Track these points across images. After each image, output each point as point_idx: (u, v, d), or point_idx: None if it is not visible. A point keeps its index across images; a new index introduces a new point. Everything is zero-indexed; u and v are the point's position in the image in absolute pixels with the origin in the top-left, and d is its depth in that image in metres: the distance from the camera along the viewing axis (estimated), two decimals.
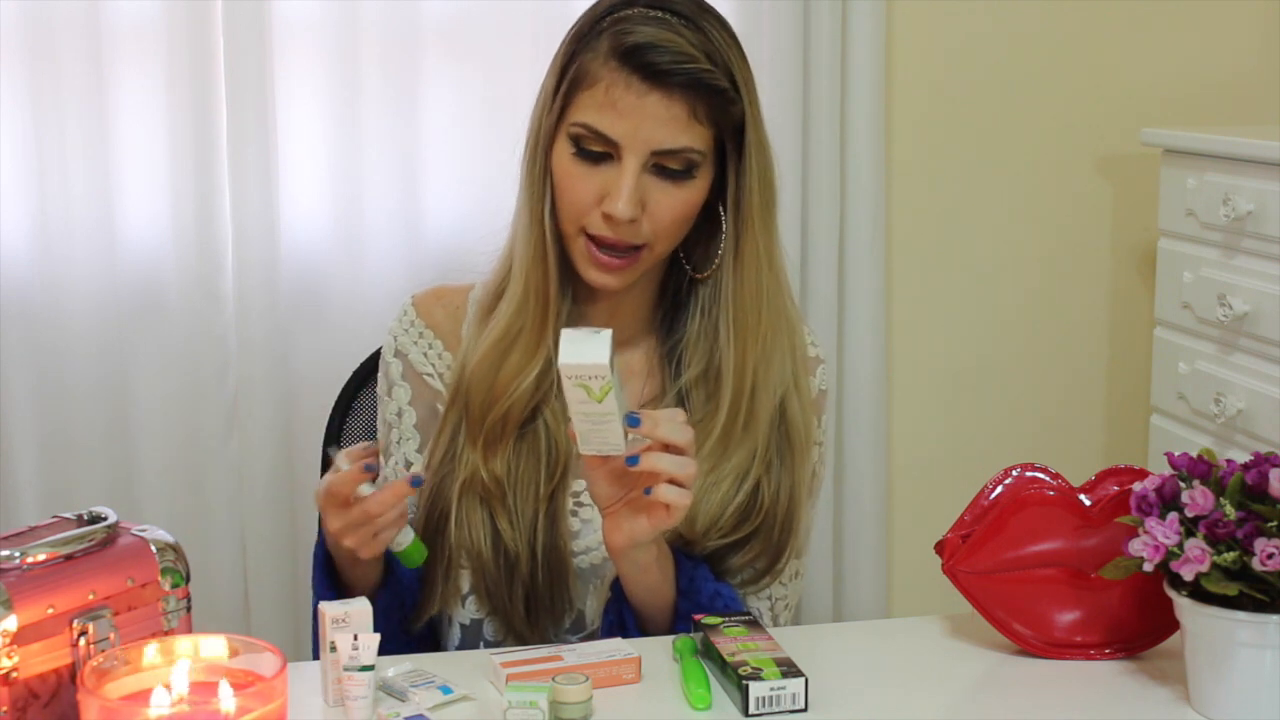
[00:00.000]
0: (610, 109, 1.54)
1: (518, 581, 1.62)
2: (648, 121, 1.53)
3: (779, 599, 1.71)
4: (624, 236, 1.56)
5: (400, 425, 1.72)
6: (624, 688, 1.42)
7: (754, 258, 1.62)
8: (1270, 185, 2.39)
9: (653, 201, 1.56)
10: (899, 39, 2.75)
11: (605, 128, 1.54)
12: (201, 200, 2.45)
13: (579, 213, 1.57)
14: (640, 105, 1.53)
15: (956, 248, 2.86)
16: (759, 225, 1.62)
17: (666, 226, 1.58)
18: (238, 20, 2.40)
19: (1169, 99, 2.87)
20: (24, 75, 2.39)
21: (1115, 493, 1.48)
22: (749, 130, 1.60)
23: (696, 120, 1.55)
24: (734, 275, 1.62)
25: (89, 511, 1.35)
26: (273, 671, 1.19)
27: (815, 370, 1.74)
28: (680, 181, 1.57)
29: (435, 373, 1.71)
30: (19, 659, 1.23)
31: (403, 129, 2.51)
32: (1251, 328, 2.44)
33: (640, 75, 1.53)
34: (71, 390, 2.46)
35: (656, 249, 1.59)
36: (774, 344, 1.65)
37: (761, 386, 1.64)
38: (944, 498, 2.00)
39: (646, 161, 1.55)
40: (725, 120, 1.58)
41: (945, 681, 1.48)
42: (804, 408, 1.69)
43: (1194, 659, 1.37)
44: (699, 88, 1.54)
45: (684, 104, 1.54)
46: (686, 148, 1.55)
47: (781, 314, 1.66)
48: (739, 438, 1.63)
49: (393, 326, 1.75)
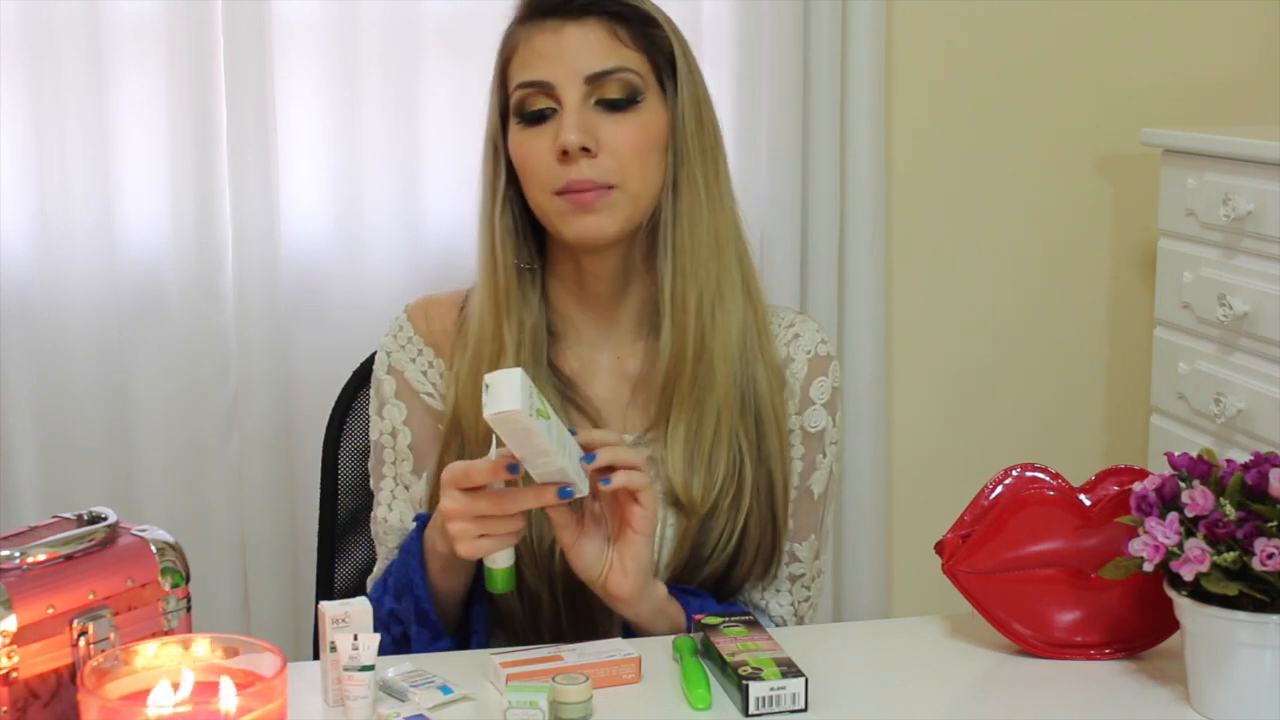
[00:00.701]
0: (534, 56, 1.57)
1: (543, 625, 1.60)
2: (570, 50, 1.56)
3: (801, 601, 1.70)
4: (585, 174, 1.55)
5: (395, 445, 1.68)
6: (624, 688, 1.42)
7: (692, 191, 1.60)
8: (1270, 185, 2.39)
9: (605, 135, 1.56)
10: (899, 39, 2.75)
11: (537, 75, 1.56)
12: (201, 200, 2.45)
13: (541, 177, 1.57)
14: (558, 40, 1.57)
15: (956, 248, 2.86)
16: (696, 157, 1.60)
17: (628, 158, 1.56)
18: (238, 20, 2.40)
19: (1169, 99, 2.87)
20: (24, 75, 2.39)
21: (1115, 493, 1.48)
22: (679, 62, 1.61)
23: (620, 41, 1.57)
24: (672, 210, 1.59)
25: (89, 511, 1.35)
26: (273, 671, 1.19)
27: (828, 369, 1.71)
28: (627, 110, 1.57)
29: (435, 391, 1.67)
30: (19, 659, 1.23)
31: (403, 129, 2.51)
32: (1251, 328, 2.44)
33: (552, 16, 1.57)
34: (71, 390, 2.46)
35: (629, 186, 1.57)
36: (726, 284, 1.61)
37: (713, 329, 1.60)
38: (944, 498, 2.00)
39: (586, 94, 1.56)
40: (653, 47, 1.60)
41: (945, 681, 1.48)
42: (774, 389, 1.65)
43: (1194, 659, 1.37)
44: (610, 11, 1.57)
45: (600, 26, 1.57)
46: (618, 67, 1.57)
47: (732, 256, 1.62)
48: (698, 394, 1.60)
49: (385, 341, 1.70)
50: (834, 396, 1.72)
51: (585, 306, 1.65)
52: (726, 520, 1.61)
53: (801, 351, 1.70)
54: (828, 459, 1.71)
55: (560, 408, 1.61)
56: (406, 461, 1.67)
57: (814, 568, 1.71)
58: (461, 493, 1.43)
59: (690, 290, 1.59)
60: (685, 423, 1.60)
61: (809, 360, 1.70)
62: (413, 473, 1.67)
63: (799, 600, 1.70)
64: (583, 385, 1.65)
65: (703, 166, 1.60)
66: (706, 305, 1.59)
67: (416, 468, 1.67)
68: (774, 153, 2.63)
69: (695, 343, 1.59)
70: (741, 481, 1.62)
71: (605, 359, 1.67)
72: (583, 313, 1.65)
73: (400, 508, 1.68)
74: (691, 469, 1.60)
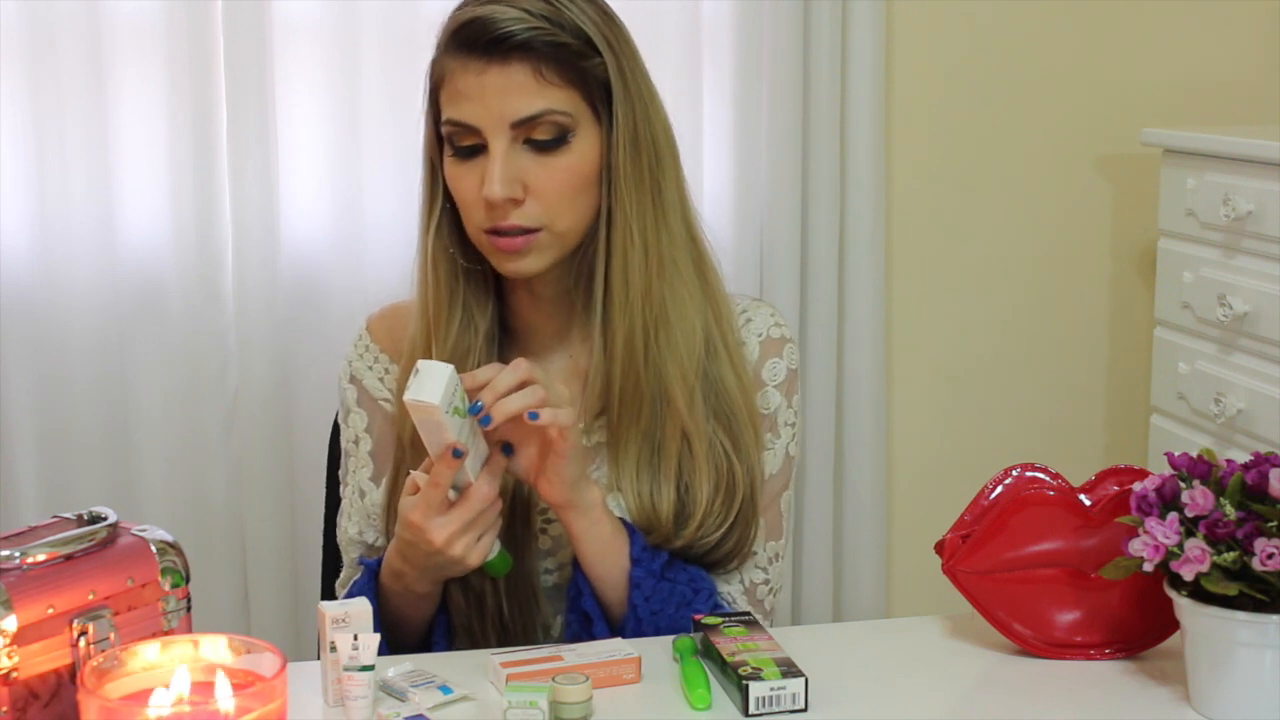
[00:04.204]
0: (460, 97, 1.53)
1: (488, 617, 1.61)
2: (493, 96, 1.51)
3: (759, 583, 1.70)
4: (512, 220, 1.53)
5: (356, 452, 1.70)
6: (624, 688, 1.42)
7: (624, 227, 1.56)
8: (1270, 185, 2.39)
9: (533, 178, 1.53)
10: (899, 39, 2.75)
11: (462, 116, 1.53)
12: (201, 200, 2.45)
13: (472, 212, 1.55)
14: (481, 83, 1.51)
15: (956, 247, 2.86)
16: (631, 189, 1.56)
17: (555, 201, 1.54)
18: (238, 20, 2.41)
19: (1169, 99, 2.87)
20: (24, 75, 2.39)
21: (1115, 493, 1.48)
22: (615, 87, 1.55)
23: (546, 81, 1.51)
24: (605, 244, 1.57)
25: (89, 511, 1.35)
26: (273, 671, 1.19)
27: (782, 350, 1.71)
28: (555, 151, 1.53)
29: (393, 398, 1.68)
30: (19, 659, 1.23)
31: (403, 129, 2.50)
32: (1251, 328, 2.44)
33: (476, 54, 1.51)
34: (71, 390, 2.46)
35: (556, 227, 1.55)
36: (673, 304, 1.59)
37: (660, 356, 1.59)
38: (944, 498, 2.00)
39: (512, 138, 1.52)
40: (585, 79, 1.54)
41: (945, 681, 1.48)
42: (744, 388, 1.65)
43: (1194, 659, 1.37)
44: (537, 46, 1.51)
45: (524, 68, 1.51)
46: (545, 110, 1.52)
47: (677, 285, 1.60)
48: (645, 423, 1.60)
49: (347, 351, 1.73)
50: (790, 378, 1.72)
51: (536, 307, 1.66)
52: (717, 518, 1.63)
53: (753, 335, 1.70)
54: (783, 440, 1.71)
55: None
56: (366, 469, 1.69)
57: (769, 549, 1.70)
58: (443, 518, 1.46)
59: (619, 325, 1.58)
60: (637, 449, 1.61)
61: (760, 343, 1.70)
62: (371, 479, 1.69)
63: (755, 582, 1.69)
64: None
65: (638, 195, 1.57)
66: (640, 339, 1.58)
67: (375, 475, 1.69)
68: (774, 153, 2.63)
69: (632, 379, 1.59)
70: (733, 480, 1.63)
71: (558, 355, 1.68)
72: (534, 312, 1.66)
73: (358, 518, 1.70)
74: (655, 488, 1.61)
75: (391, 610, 1.59)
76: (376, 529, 1.68)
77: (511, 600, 1.61)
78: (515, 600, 1.62)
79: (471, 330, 1.61)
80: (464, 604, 1.61)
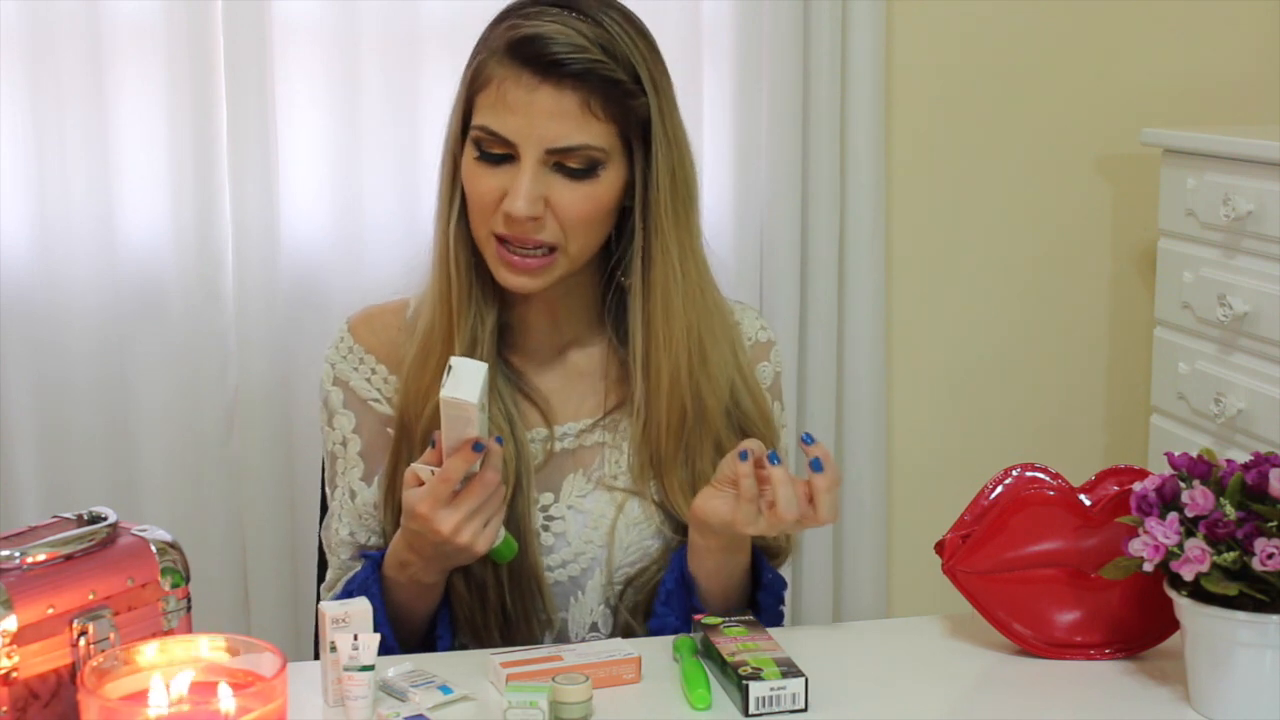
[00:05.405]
0: (503, 107, 1.52)
1: (490, 609, 1.62)
2: (539, 117, 1.51)
3: None
4: (528, 234, 1.54)
5: (345, 454, 1.69)
6: (624, 688, 1.42)
7: (665, 261, 1.58)
8: (1270, 185, 2.39)
9: (556, 199, 1.54)
10: (899, 39, 2.75)
11: (499, 127, 1.52)
12: (201, 200, 2.45)
13: (484, 215, 1.56)
14: (531, 100, 1.51)
15: (956, 247, 2.86)
16: (669, 228, 1.58)
17: (574, 225, 1.55)
18: (238, 20, 2.41)
19: (1169, 99, 2.87)
20: (24, 75, 2.39)
21: (1115, 493, 1.48)
22: (655, 127, 1.56)
23: (592, 114, 1.52)
24: (644, 281, 1.59)
25: (89, 511, 1.35)
26: (273, 671, 1.19)
27: (769, 354, 1.73)
28: (583, 179, 1.54)
29: (382, 397, 1.68)
30: (19, 659, 1.23)
31: (403, 129, 2.51)
32: (1251, 328, 2.44)
33: (530, 69, 1.51)
34: (71, 390, 2.46)
35: (569, 249, 1.57)
36: (706, 332, 1.62)
37: (705, 386, 1.62)
38: (944, 498, 2.00)
39: (544, 159, 1.52)
40: (627, 116, 1.54)
41: (945, 681, 1.48)
42: (755, 396, 1.68)
43: (1194, 659, 1.37)
44: (591, 79, 1.51)
45: (576, 97, 1.51)
46: (584, 145, 1.52)
47: (707, 312, 1.63)
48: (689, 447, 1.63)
49: (328, 354, 1.72)
50: (776, 381, 1.74)
51: (533, 304, 1.66)
52: None
53: (744, 340, 1.72)
54: (780, 441, 1.72)
55: (510, 397, 1.64)
56: (357, 469, 1.69)
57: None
58: (449, 508, 1.47)
59: (664, 362, 1.60)
60: (680, 470, 1.64)
61: (750, 348, 1.72)
62: (362, 479, 1.68)
63: None
64: (532, 376, 1.68)
65: (676, 232, 1.59)
66: (684, 372, 1.61)
67: (367, 474, 1.68)
68: (774, 153, 2.63)
69: (677, 410, 1.62)
70: None
71: (554, 352, 1.69)
72: (531, 309, 1.66)
73: (349, 519, 1.69)
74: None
75: (396, 603, 1.59)
76: (369, 529, 1.67)
77: (514, 592, 1.62)
78: (517, 592, 1.62)
79: (480, 322, 1.62)
80: (467, 595, 1.61)
